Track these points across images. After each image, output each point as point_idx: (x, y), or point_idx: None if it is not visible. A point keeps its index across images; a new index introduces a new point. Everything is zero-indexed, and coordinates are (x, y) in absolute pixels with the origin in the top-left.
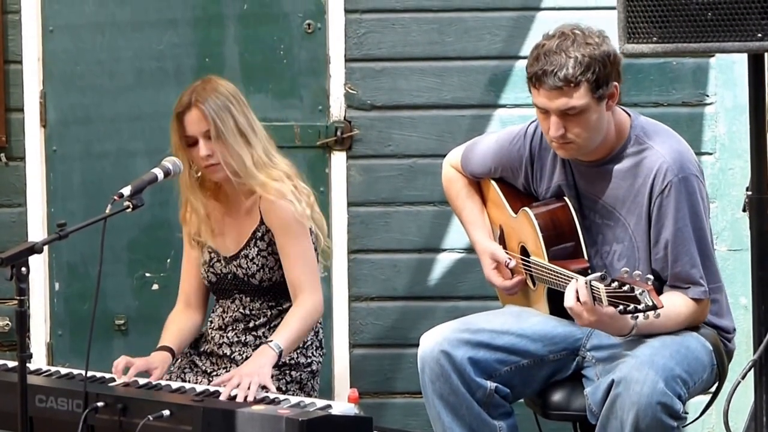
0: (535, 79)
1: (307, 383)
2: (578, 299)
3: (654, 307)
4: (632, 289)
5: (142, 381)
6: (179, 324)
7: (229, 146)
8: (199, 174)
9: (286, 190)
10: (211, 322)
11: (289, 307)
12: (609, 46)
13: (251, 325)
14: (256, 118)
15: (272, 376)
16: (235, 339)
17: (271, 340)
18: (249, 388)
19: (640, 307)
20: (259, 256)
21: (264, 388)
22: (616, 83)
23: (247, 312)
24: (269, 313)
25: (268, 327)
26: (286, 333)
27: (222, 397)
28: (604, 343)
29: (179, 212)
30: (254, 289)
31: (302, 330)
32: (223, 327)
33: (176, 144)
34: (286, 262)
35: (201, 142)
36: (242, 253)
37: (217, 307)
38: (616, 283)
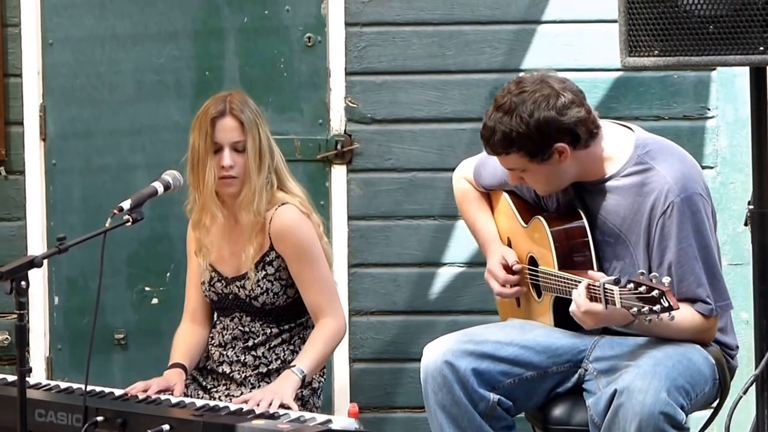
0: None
1: (309, 400)
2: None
3: (670, 308)
4: (650, 290)
5: (141, 395)
6: (187, 340)
7: (253, 163)
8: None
9: (295, 203)
10: (212, 338)
11: (290, 328)
12: (549, 110)
13: (250, 343)
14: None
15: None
16: (235, 358)
17: (294, 365)
18: (270, 404)
19: (655, 308)
20: (264, 280)
21: (285, 407)
22: (561, 144)
23: (246, 330)
24: (269, 332)
25: (267, 347)
26: (310, 356)
27: (246, 407)
28: (607, 354)
29: (189, 221)
30: (255, 310)
31: (325, 353)
32: (223, 344)
33: (201, 147)
34: (303, 288)
35: (227, 152)
36: (246, 275)
37: (217, 323)
38: (631, 285)
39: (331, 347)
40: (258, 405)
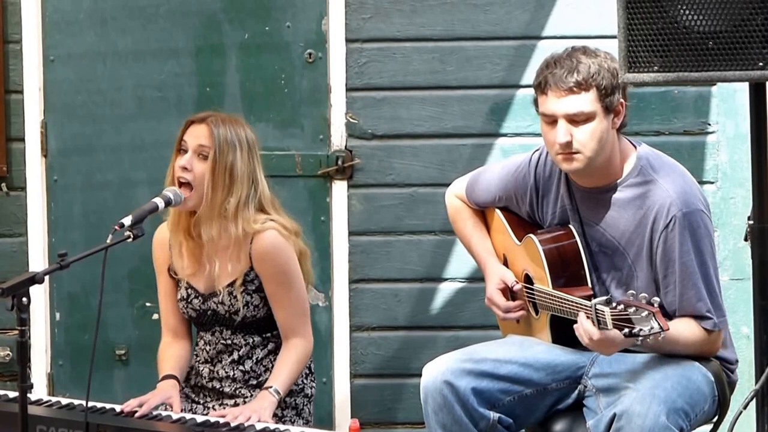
0: (544, 84)
1: (303, 408)
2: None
3: (660, 330)
4: (637, 311)
5: (143, 411)
6: (174, 353)
7: (219, 179)
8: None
9: (276, 226)
10: (197, 355)
11: (272, 336)
12: (617, 64)
13: (236, 356)
14: (263, 178)
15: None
16: (224, 374)
17: (271, 386)
18: (249, 419)
19: (645, 329)
20: (244, 294)
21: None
22: (622, 100)
23: (229, 343)
24: (251, 341)
25: (254, 360)
26: (283, 377)
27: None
28: (605, 371)
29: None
30: (236, 324)
31: (297, 373)
32: (210, 360)
33: (174, 147)
34: (277, 309)
35: (189, 154)
36: (226, 290)
37: (198, 339)
38: (621, 306)
39: (302, 368)
40: (235, 419)
